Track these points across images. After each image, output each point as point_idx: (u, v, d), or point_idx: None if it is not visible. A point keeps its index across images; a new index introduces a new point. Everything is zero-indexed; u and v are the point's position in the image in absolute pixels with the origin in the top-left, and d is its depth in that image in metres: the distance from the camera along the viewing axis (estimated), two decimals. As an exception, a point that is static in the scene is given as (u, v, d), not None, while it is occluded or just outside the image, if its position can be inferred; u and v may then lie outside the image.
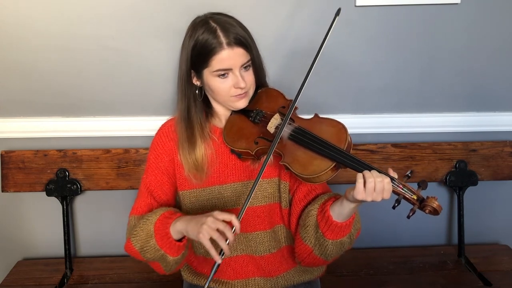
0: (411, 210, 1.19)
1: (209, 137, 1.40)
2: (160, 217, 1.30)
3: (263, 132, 1.35)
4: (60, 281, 1.88)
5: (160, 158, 1.43)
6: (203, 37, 1.28)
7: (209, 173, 1.40)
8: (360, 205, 1.23)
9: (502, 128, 2.00)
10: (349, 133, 1.27)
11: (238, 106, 1.37)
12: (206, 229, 1.16)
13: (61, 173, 1.90)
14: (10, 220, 2.04)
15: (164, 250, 1.29)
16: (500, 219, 2.14)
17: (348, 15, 1.82)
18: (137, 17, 1.79)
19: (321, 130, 1.29)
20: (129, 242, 1.36)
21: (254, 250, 1.45)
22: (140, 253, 1.34)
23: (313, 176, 1.24)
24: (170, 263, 1.31)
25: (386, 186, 1.16)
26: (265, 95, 1.43)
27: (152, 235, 1.29)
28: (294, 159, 1.27)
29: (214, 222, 1.16)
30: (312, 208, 1.32)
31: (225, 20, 1.30)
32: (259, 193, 1.40)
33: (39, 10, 1.77)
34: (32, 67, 1.84)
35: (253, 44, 1.34)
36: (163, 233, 1.27)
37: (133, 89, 1.88)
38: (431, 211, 1.17)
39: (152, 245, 1.29)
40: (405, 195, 1.18)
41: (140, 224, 1.33)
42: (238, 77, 1.30)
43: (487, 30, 1.86)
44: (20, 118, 1.91)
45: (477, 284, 1.83)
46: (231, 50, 1.27)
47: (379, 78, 1.91)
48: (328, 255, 1.30)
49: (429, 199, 1.18)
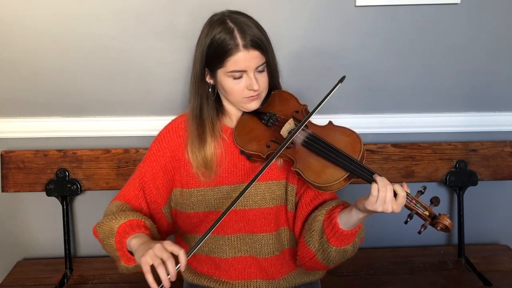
0: (422, 226, 1.19)
1: (220, 136, 1.39)
2: (127, 222, 1.27)
3: (276, 136, 1.34)
4: (60, 281, 1.88)
5: (162, 152, 1.42)
6: (220, 36, 1.27)
7: (217, 172, 1.39)
8: (368, 217, 1.22)
9: (502, 128, 2.00)
10: (363, 143, 1.26)
11: (250, 108, 1.36)
12: (150, 253, 1.11)
13: (61, 173, 1.90)
14: (10, 220, 2.03)
15: (119, 253, 1.27)
16: (500, 219, 2.14)
17: (348, 15, 1.82)
18: (137, 17, 1.79)
19: (335, 138, 1.28)
20: (96, 228, 1.35)
21: (258, 252, 1.44)
22: (102, 244, 1.33)
23: (326, 185, 1.23)
24: (122, 267, 1.29)
25: (400, 199, 1.16)
26: (278, 97, 1.42)
27: (113, 235, 1.27)
28: (307, 166, 1.26)
29: (160, 250, 1.12)
30: (319, 214, 1.32)
31: (243, 21, 1.29)
32: (267, 194, 1.40)
33: (39, 10, 1.77)
34: (32, 67, 1.83)
35: (269, 46, 1.33)
36: (121, 240, 1.25)
37: (133, 89, 1.88)
38: (443, 228, 1.17)
39: (111, 243, 1.27)
40: (418, 210, 1.18)
41: (108, 219, 1.30)
42: (252, 79, 1.29)
43: (487, 30, 1.86)
44: (20, 118, 1.91)
45: (477, 284, 1.83)
46: (247, 53, 1.26)
47: (379, 78, 1.91)
48: (330, 261, 1.30)
49: (441, 216, 1.17)
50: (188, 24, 1.78)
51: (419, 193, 1.20)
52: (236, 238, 1.43)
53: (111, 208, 1.39)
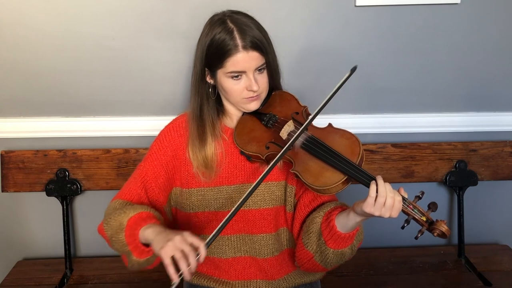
0: (419, 232, 1.19)
1: (220, 136, 1.39)
2: (136, 214, 1.26)
3: (275, 138, 1.34)
4: (60, 281, 1.88)
5: (163, 151, 1.41)
6: (220, 36, 1.27)
7: (217, 172, 1.39)
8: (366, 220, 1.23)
9: (502, 128, 2.00)
10: (362, 147, 1.26)
11: (250, 108, 1.36)
12: (170, 246, 1.10)
13: (61, 173, 1.90)
14: (10, 220, 2.03)
15: (130, 248, 1.26)
16: (500, 219, 2.14)
17: (348, 15, 1.82)
18: (137, 17, 1.79)
19: (334, 141, 1.28)
20: (102, 226, 1.34)
21: (258, 252, 1.44)
22: (110, 241, 1.32)
23: (324, 188, 1.23)
24: (133, 262, 1.28)
25: (396, 204, 1.16)
26: (279, 98, 1.42)
27: (123, 229, 1.26)
28: (305, 168, 1.26)
29: (181, 242, 1.11)
30: (317, 216, 1.32)
31: (243, 22, 1.29)
32: (267, 195, 1.40)
33: (39, 10, 1.76)
34: (32, 67, 1.83)
35: (270, 47, 1.33)
36: (133, 232, 1.24)
37: (133, 89, 1.88)
38: (439, 234, 1.18)
39: (121, 238, 1.26)
40: (415, 216, 1.19)
41: (116, 214, 1.30)
42: (252, 80, 1.29)
43: (487, 30, 1.86)
44: (20, 118, 1.91)
45: (477, 284, 1.83)
46: (246, 53, 1.26)
47: (379, 78, 1.91)
48: (328, 263, 1.31)
49: (438, 222, 1.18)
50: (188, 24, 1.78)
51: (416, 198, 1.21)
52: (236, 238, 1.43)
53: (114, 205, 1.37)
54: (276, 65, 1.38)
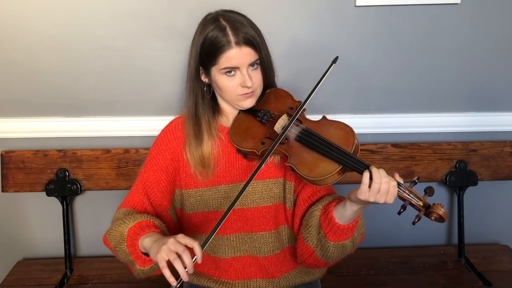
0: (416, 217, 1.18)
1: (216, 135, 1.40)
2: (135, 224, 1.27)
3: (270, 133, 1.34)
4: (60, 281, 1.88)
5: (162, 155, 1.42)
6: (213, 34, 1.28)
7: (215, 171, 1.40)
8: (364, 208, 1.22)
9: (502, 128, 2.00)
10: (356, 137, 1.26)
11: (245, 106, 1.37)
12: (164, 249, 1.11)
13: (61, 173, 1.90)
14: (10, 220, 2.04)
15: (133, 257, 1.27)
16: (500, 219, 2.14)
17: (348, 15, 1.82)
18: (137, 17, 1.79)
19: (328, 132, 1.29)
20: (106, 237, 1.35)
21: (258, 251, 1.44)
22: (114, 251, 1.33)
23: (319, 178, 1.23)
24: (138, 271, 1.29)
25: (391, 189, 1.15)
26: (273, 95, 1.42)
27: (124, 240, 1.27)
28: (300, 160, 1.26)
29: (174, 244, 1.11)
30: (316, 209, 1.32)
31: (236, 19, 1.30)
32: (265, 193, 1.40)
33: (39, 10, 1.77)
34: (32, 67, 1.84)
35: (263, 44, 1.33)
36: (133, 243, 1.25)
37: (133, 89, 1.88)
38: (437, 218, 1.17)
39: (124, 248, 1.28)
40: (411, 201, 1.18)
41: (117, 224, 1.31)
42: (245, 76, 1.30)
43: (487, 30, 1.86)
44: (20, 118, 1.91)
45: (477, 284, 1.83)
46: (239, 49, 1.27)
47: (379, 78, 1.91)
48: (329, 257, 1.30)
49: (435, 206, 1.17)
50: (187, 24, 1.76)
51: (412, 184, 1.20)
52: (236, 237, 1.43)
53: (118, 215, 1.39)
54: (269, 62, 1.38)
